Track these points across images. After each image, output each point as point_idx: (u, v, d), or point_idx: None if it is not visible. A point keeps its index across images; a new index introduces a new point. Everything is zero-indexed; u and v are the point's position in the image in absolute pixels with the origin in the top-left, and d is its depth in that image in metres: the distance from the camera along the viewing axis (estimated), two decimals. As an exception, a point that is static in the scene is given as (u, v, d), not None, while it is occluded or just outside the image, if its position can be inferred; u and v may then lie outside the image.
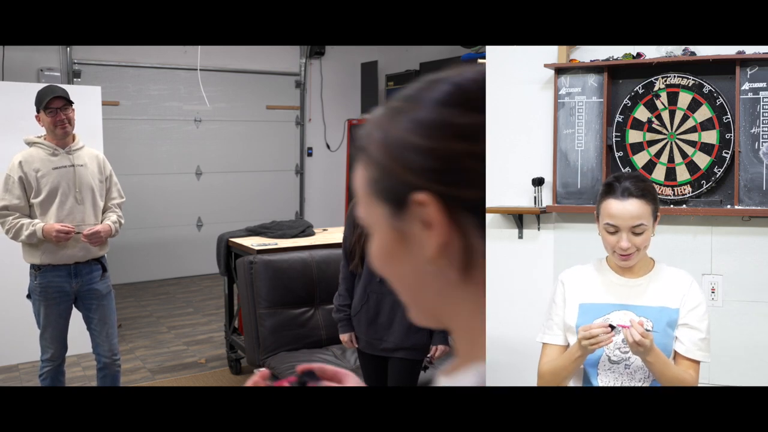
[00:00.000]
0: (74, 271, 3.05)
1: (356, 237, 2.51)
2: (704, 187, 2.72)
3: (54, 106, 2.97)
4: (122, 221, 3.23)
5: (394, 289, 0.68)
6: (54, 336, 3.07)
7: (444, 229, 0.60)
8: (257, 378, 1.03)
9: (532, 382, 1.82)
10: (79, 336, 3.40)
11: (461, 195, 0.60)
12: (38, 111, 3.02)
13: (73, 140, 3.11)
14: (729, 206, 2.68)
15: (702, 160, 2.71)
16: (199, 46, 5.79)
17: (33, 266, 3.05)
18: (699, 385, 2.78)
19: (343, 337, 2.62)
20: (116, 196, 3.27)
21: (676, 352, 1.66)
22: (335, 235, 4.07)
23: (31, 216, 3.02)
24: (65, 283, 3.04)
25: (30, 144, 3.09)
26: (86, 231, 2.99)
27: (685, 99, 2.73)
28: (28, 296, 3.11)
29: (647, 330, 1.53)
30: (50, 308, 3.04)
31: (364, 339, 2.55)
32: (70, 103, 3.02)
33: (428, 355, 2.48)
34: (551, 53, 2.95)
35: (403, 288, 0.67)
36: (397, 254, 0.64)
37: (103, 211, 3.19)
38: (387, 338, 2.47)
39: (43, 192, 3.00)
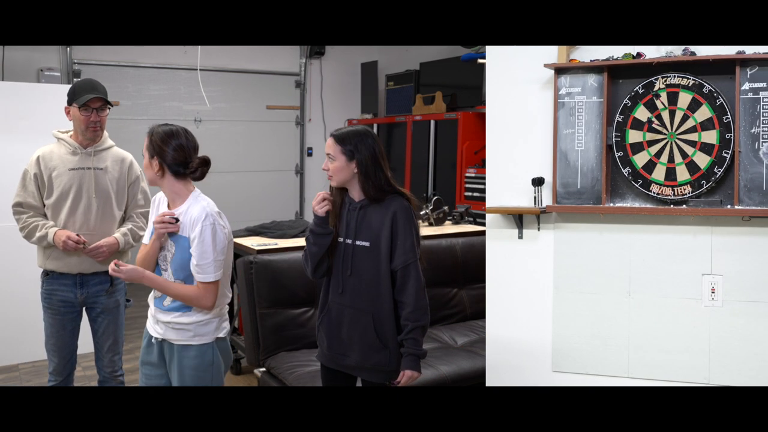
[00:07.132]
0: (79, 281, 2.85)
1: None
2: (704, 187, 2.72)
3: (92, 106, 2.75)
4: (141, 233, 2.89)
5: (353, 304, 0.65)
6: (56, 347, 2.87)
7: None
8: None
9: (533, 382, 1.84)
10: (81, 336, 3.33)
11: None
12: (70, 104, 2.77)
13: (99, 139, 2.86)
14: (729, 206, 2.68)
15: (702, 160, 2.72)
16: (199, 46, 5.79)
17: (42, 271, 2.87)
18: (698, 385, 2.78)
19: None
20: (143, 203, 2.98)
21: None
22: (335, 235, 4.05)
23: (47, 217, 2.82)
24: (69, 292, 2.85)
25: (56, 139, 2.87)
26: (90, 246, 2.78)
27: (685, 99, 2.73)
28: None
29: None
30: (53, 317, 2.86)
31: (327, 353, 2.33)
32: (109, 104, 2.82)
33: (394, 381, 2.21)
34: (551, 53, 2.95)
35: None
36: None
37: (125, 219, 2.96)
38: (349, 354, 2.26)
39: (54, 193, 2.78)
